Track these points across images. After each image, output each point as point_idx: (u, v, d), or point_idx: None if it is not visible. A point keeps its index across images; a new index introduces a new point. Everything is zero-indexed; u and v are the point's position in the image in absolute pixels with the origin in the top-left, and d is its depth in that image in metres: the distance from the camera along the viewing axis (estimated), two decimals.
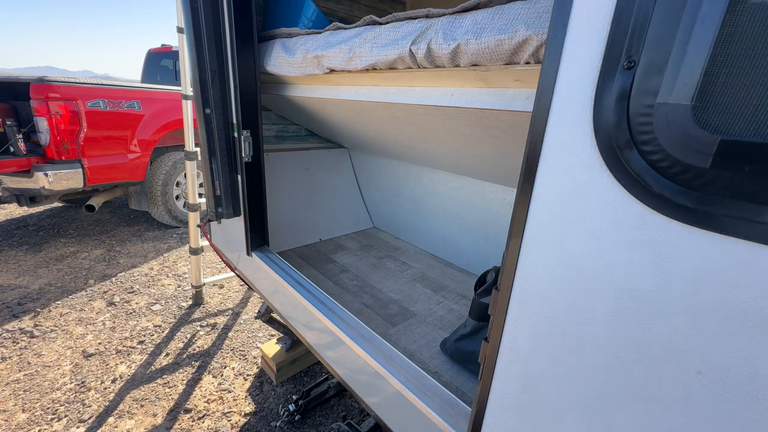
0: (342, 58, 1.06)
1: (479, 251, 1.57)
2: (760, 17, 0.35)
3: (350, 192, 2.06)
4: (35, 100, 2.89)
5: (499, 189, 1.43)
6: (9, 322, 2.39)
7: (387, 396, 1.05)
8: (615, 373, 0.49)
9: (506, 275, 0.59)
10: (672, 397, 0.45)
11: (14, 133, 2.93)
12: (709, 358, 0.41)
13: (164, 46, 5.27)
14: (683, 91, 0.38)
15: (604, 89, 0.43)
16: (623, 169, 0.43)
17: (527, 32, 0.66)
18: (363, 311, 1.28)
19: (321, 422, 1.78)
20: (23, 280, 2.89)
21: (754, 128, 0.36)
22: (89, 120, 3.15)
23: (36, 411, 1.77)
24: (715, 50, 0.36)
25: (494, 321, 0.63)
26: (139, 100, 3.50)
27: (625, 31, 0.41)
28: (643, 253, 0.44)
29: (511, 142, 1.00)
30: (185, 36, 1.36)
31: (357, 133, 1.64)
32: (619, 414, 0.50)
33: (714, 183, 0.38)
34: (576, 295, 0.51)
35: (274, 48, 1.36)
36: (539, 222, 0.53)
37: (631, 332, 0.47)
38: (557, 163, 0.50)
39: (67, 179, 3.11)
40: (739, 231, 0.37)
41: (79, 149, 3.15)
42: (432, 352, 1.09)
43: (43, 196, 3.21)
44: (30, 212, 4.25)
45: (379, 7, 2.05)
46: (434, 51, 0.82)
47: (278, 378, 2.00)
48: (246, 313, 2.63)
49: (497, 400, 0.66)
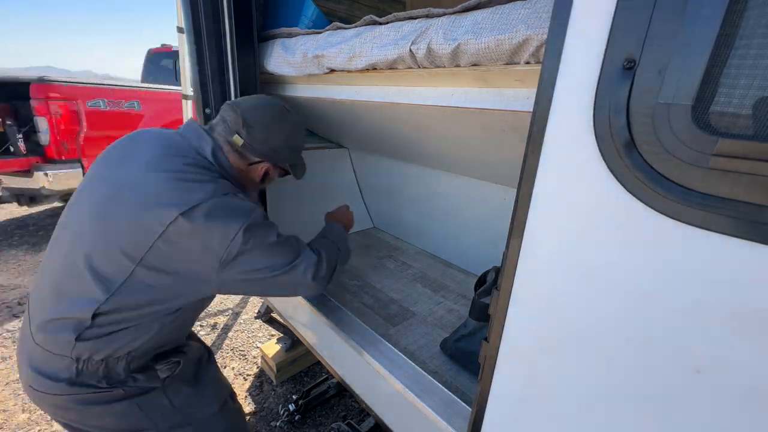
0: (342, 58, 1.06)
1: (479, 251, 1.57)
2: (760, 17, 0.35)
3: (350, 192, 2.06)
4: (35, 99, 2.89)
5: (499, 189, 1.43)
6: (9, 321, 2.39)
7: (387, 396, 1.05)
8: (615, 373, 0.49)
9: (506, 275, 0.59)
10: (672, 397, 0.45)
11: (14, 133, 2.93)
12: (709, 358, 0.41)
13: (164, 46, 5.27)
14: (683, 91, 0.38)
15: (604, 89, 0.43)
16: (623, 169, 0.43)
17: (527, 32, 0.66)
18: (363, 311, 1.28)
19: (321, 422, 1.78)
20: (23, 279, 2.89)
21: (754, 128, 0.36)
22: (89, 120, 3.15)
23: (36, 411, 1.77)
24: (716, 50, 0.36)
25: (494, 321, 0.63)
26: (139, 100, 3.50)
27: (625, 31, 0.41)
28: (643, 253, 0.44)
29: (511, 142, 1.00)
30: (185, 36, 1.36)
31: (357, 133, 1.64)
32: (619, 414, 0.50)
33: (714, 183, 0.38)
34: (576, 294, 0.51)
35: (274, 48, 1.36)
36: (539, 222, 0.53)
37: (631, 332, 0.47)
38: (557, 163, 0.50)
39: (67, 179, 3.11)
40: (739, 231, 0.37)
41: (79, 149, 3.15)
42: (432, 352, 1.09)
43: (43, 196, 3.21)
44: (30, 212, 4.25)
45: (379, 7, 2.05)
46: (434, 51, 0.82)
47: (278, 378, 2.00)
48: (246, 313, 2.63)
49: (497, 400, 0.66)
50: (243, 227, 0.80)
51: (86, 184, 0.89)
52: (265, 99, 1.01)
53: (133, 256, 0.77)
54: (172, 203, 0.77)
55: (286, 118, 0.99)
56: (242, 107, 0.94)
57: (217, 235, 0.79)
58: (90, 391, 0.81)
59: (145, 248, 0.77)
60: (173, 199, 0.77)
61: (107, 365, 0.82)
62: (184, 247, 0.78)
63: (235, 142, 0.92)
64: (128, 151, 0.88)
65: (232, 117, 0.93)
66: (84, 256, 0.78)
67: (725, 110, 0.37)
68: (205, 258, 0.80)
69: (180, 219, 0.76)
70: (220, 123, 0.94)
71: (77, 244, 0.81)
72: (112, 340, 0.80)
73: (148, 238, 0.76)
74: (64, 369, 0.80)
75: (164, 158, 0.83)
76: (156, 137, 0.90)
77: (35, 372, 0.82)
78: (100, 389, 0.82)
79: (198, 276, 0.82)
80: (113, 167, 0.87)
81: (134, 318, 0.81)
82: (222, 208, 0.80)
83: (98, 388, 0.82)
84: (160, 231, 0.76)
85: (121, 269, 0.77)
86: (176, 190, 0.79)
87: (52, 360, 0.80)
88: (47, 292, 0.83)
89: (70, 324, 0.78)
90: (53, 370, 0.81)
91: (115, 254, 0.77)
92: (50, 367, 0.81)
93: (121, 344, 0.81)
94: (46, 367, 0.81)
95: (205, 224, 0.77)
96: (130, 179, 0.81)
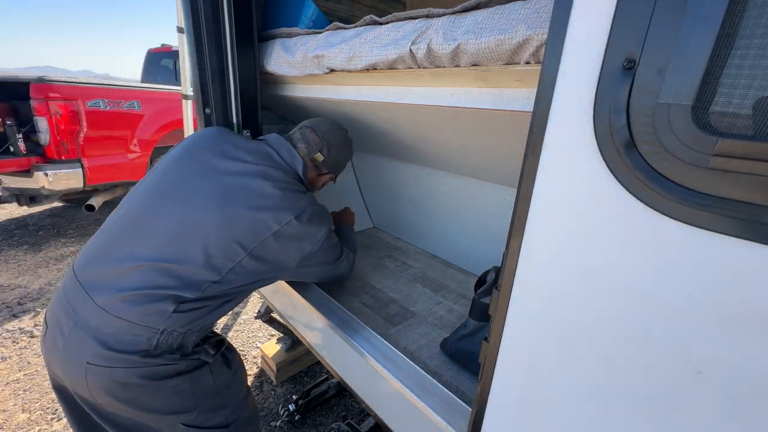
0: (342, 58, 1.06)
1: (479, 251, 1.57)
2: (760, 17, 0.35)
3: (350, 192, 2.06)
4: (35, 99, 2.89)
5: (499, 189, 1.43)
6: (9, 321, 2.40)
7: (387, 396, 1.05)
8: (615, 373, 0.49)
9: (506, 275, 0.59)
10: (672, 397, 0.45)
11: (14, 132, 2.93)
12: (710, 358, 0.41)
13: (164, 46, 5.27)
14: (683, 91, 0.38)
15: (604, 89, 0.43)
16: (623, 169, 0.43)
17: (527, 32, 0.66)
18: (363, 311, 1.28)
19: (321, 422, 1.78)
20: (23, 279, 2.89)
21: (754, 128, 0.36)
22: (89, 120, 3.15)
23: (36, 411, 1.77)
24: (716, 50, 0.36)
25: (494, 321, 0.63)
26: (139, 100, 3.50)
27: (625, 31, 0.41)
28: (643, 253, 0.44)
29: (511, 142, 1.00)
30: (185, 36, 1.36)
31: (357, 133, 1.64)
32: (619, 414, 0.50)
33: (714, 183, 0.38)
34: (576, 294, 0.51)
35: (274, 48, 1.36)
36: (539, 222, 0.53)
37: (632, 332, 0.47)
38: (557, 163, 0.50)
39: (67, 179, 3.11)
40: (739, 231, 0.37)
41: (79, 149, 3.15)
42: (432, 352, 1.09)
43: (43, 196, 3.21)
44: (30, 212, 4.26)
45: (379, 7, 2.05)
46: (434, 51, 0.82)
47: (278, 378, 2.00)
48: (246, 313, 2.63)
49: (497, 400, 0.66)
50: (326, 231, 1.05)
51: (186, 166, 0.99)
52: (335, 123, 1.26)
53: (245, 246, 0.92)
54: (287, 208, 0.96)
55: (349, 139, 1.28)
56: (322, 130, 1.18)
57: (311, 235, 1.01)
58: (159, 362, 0.87)
59: (257, 241, 0.93)
60: (287, 205, 0.97)
61: (183, 337, 0.91)
62: (285, 243, 0.97)
63: (317, 159, 1.16)
64: (225, 151, 1.02)
65: (314, 139, 1.16)
66: (202, 238, 0.90)
67: (725, 110, 0.37)
68: (296, 253, 1.00)
69: (293, 221, 0.96)
70: (302, 142, 1.16)
71: (197, 228, 0.90)
72: (201, 316, 0.92)
73: (263, 233, 0.93)
74: (143, 341, 0.85)
75: (269, 169, 1.01)
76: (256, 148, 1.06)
77: (102, 346, 0.83)
78: (168, 363, 0.89)
79: (284, 266, 1.01)
80: (219, 157, 0.99)
81: (225, 296, 0.95)
82: (317, 214, 1.03)
83: (168, 360, 0.89)
84: (275, 228, 0.94)
85: (233, 256, 0.91)
86: (287, 199, 0.98)
87: (132, 330, 0.84)
88: (134, 265, 0.87)
89: (170, 297, 0.86)
90: (130, 342, 0.85)
91: (230, 243, 0.91)
92: (127, 339, 0.85)
93: (205, 320, 0.93)
94: (120, 338, 0.84)
95: (306, 227, 0.99)
96: (243, 182, 0.96)
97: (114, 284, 0.86)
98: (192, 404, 0.94)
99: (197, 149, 1.02)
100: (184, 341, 0.92)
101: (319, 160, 1.16)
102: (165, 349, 0.88)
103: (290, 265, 1.02)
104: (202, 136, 1.07)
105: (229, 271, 0.91)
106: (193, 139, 1.07)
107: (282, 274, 1.05)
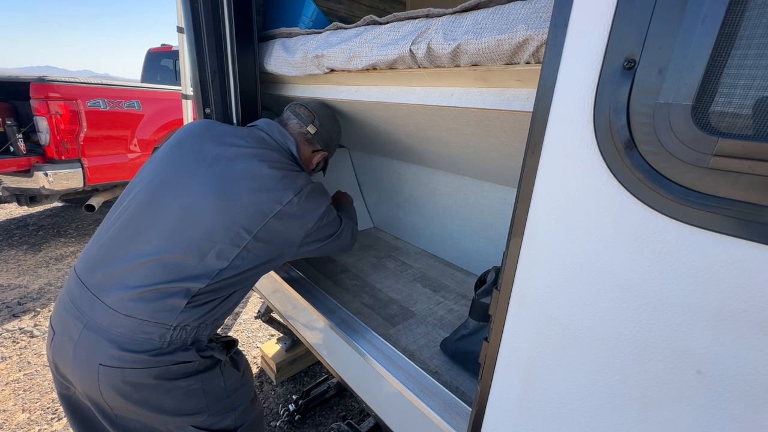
0: (342, 58, 1.06)
1: (479, 251, 1.57)
2: (760, 17, 0.35)
3: (350, 192, 2.06)
4: (35, 99, 2.89)
5: (499, 189, 1.43)
6: (9, 321, 2.40)
7: (387, 396, 1.05)
8: (615, 373, 0.49)
9: (506, 275, 0.59)
10: (672, 397, 0.45)
11: (14, 132, 2.92)
12: (710, 358, 0.41)
13: (164, 46, 5.27)
14: (683, 91, 0.38)
15: (604, 89, 0.43)
16: (624, 169, 0.43)
17: (527, 32, 0.66)
18: (363, 311, 1.28)
19: (321, 422, 1.78)
20: (23, 279, 2.89)
21: (754, 128, 0.36)
22: (89, 120, 3.15)
23: (36, 411, 1.77)
24: (716, 50, 0.36)
25: (494, 321, 0.63)
26: (139, 100, 3.50)
27: (625, 31, 0.41)
28: (643, 253, 0.44)
29: (511, 142, 1.00)
30: (185, 36, 1.36)
31: (357, 133, 1.64)
32: (619, 414, 0.50)
33: (714, 183, 0.38)
34: (576, 294, 0.51)
35: (274, 48, 1.36)
36: (539, 222, 0.53)
37: (632, 332, 0.47)
38: (557, 163, 0.50)
39: (67, 179, 3.11)
40: (739, 231, 0.37)
41: (79, 149, 3.15)
42: (432, 352, 1.09)
43: (43, 196, 3.21)
44: (30, 212, 4.26)
45: (379, 7, 2.05)
46: (434, 51, 0.82)
47: (278, 378, 2.00)
48: (246, 313, 2.63)
49: (497, 400, 0.66)
50: (326, 206, 1.06)
51: (179, 157, 0.98)
52: (322, 102, 1.29)
53: (249, 229, 0.92)
54: (287, 188, 0.97)
55: (336, 118, 1.31)
56: (311, 105, 1.22)
57: (311, 212, 1.01)
58: (172, 360, 0.87)
59: (260, 223, 0.93)
60: (286, 184, 0.97)
61: (197, 331, 0.91)
62: (288, 222, 0.97)
63: (309, 131, 1.17)
64: (217, 137, 1.02)
65: (304, 112, 1.19)
66: (205, 225, 0.89)
67: (725, 110, 0.37)
68: (299, 230, 1.01)
69: (294, 199, 0.96)
70: (293, 117, 1.18)
71: (198, 216, 0.90)
72: (212, 308, 0.92)
73: (265, 214, 0.93)
74: (156, 338, 0.85)
75: (263, 151, 1.02)
76: (247, 133, 1.07)
77: (115, 346, 0.82)
78: (181, 362, 0.88)
79: (290, 244, 1.01)
80: (212, 144, 0.99)
81: (234, 284, 0.95)
82: (316, 190, 1.04)
83: (181, 358, 0.88)
84: (277, 209, 0.94)
85: (238, 241, 0.91)
86: (285, 179, 0.98)
87: (143, 328, 0.84)
88: (139, 262, 0.86)
89: (180, 291, 0.86)
90: (142, 340, 0.84)
91: (234, 228, 0.90)
92: (138, 338, 0.84)
93: (216, 311, 0.94)
94: (132, 336, 0.84)
95: (307, 204, 1.00)
96: (239, 166, 0.96)
97: (121, 283, 0.85)
98: (203, 406, 0.93)
99: (188, 140, 1.01)
100: (198, 335, 0.92)
101: (311, 132, 1.17)
102: (178, 346, 0.88)
103: (295, 242, 1.02)
104: (191, 128, 1.05)
105: (236, 257, 0.91)
106: (182, 132, 1.05)
107: (287, 253, 1.04)
